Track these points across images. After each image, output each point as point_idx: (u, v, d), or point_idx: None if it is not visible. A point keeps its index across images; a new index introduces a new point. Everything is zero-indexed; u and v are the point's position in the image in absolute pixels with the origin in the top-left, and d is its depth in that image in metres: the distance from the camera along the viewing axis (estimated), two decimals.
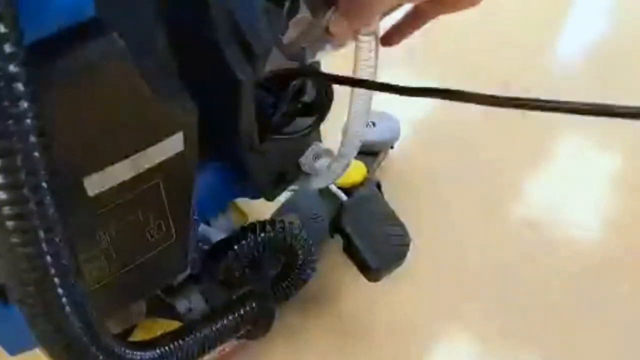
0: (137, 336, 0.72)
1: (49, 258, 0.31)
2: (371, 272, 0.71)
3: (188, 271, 0.70)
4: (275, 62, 0.49)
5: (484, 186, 1.01)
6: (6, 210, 0.29)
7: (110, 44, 0.35)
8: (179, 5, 0.44)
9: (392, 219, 0.73)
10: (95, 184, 0.42)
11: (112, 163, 0.42)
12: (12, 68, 0.27)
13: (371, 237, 0.71)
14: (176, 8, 0.43)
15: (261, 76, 0.49)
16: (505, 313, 0.84)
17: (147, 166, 0.45)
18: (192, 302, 0.70)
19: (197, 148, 0.49)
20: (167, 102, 0.42)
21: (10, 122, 0.28)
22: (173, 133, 0.44)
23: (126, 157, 0.42)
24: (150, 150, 0.44)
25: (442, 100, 0.41)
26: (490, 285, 0.87)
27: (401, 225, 0.73)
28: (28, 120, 0.28)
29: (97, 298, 0.52)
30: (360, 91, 0.54)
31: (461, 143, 1.10)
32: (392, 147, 1.00)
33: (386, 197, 0.81)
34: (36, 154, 0.29)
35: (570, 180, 1.07)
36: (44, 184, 0.30)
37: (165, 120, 0.43)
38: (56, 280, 0.32)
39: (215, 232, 0.75)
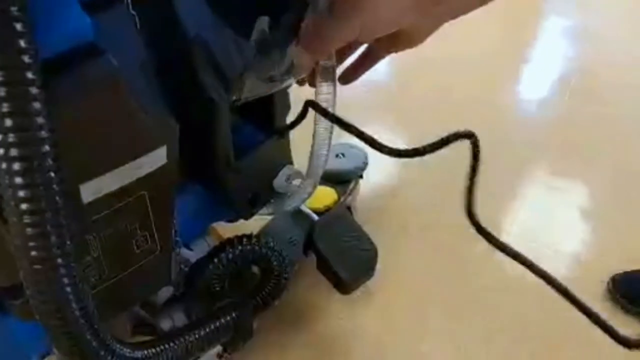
0: None
1: (59, 260, 0.37)
2: (343, 284, 0.76)
3: (171, 291, 0.75)
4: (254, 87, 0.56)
5: (454, 212, 1.07)
6: (23, 206, 0.35)
7: (105, 64, 0.41)
8: (161, 34, 0.51)
9: (360, 234, 0.79)
10: (89, 191, 0.48)
11: (104, 173, 0.48)
12: (33, 90, 0.33)
13: (341, 251, 0.77)
14: (159, 37, 0.50)
15: (236, 98, 0.56)
16: (473, 333, 0.89)
17: (134, 177, 0.51)
18: (175, 320, 0.74)
19: (177, 162, 0.55)
20: (152, 118, 0.48)
21: (30, 133, 0.34)
22: (157, 147, 0.51)
23: (115, 167, 0.48)
24: (137, 162, 0.50)
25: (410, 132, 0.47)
26: (461, 305, 0.92)
27: (368, 239, 0.79)
28: (43, 132, 0.34)
29: None
30: (322, 120, 0.61)
31: (432, 170, 1.16)
32: (361, 177, 1.06)
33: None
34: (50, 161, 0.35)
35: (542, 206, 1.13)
36: (56, 188, 0.36)
37: (150, 135, 0.49)
38: (65, 280, 0.37)
39: (195, 256, 0.79)
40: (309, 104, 0.59)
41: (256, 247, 0.68)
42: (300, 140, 0.73)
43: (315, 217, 0.82)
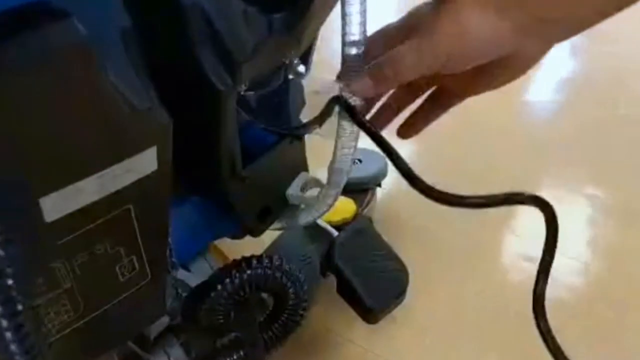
0: None
1: None
2: (369, 313, 0.64)
3: (166, 321, 0.63)
4: (255, 69, 0.45)
5: (475, 222, 0.96)
6: None
7: (69, 30, 0.30)
8: (150, 6, 0.39)
9: (388, 253, 0.67)
10: (54, 206, 0.36)
11: (74, 181, 0.36)
12: None
13: (367, 273, 0.65)
14: (146, 9, 0.39)
15: (242, 86, 0.45)
16: (505, 353, 0.77)
17: (115, 187, 0.39)
18: (171, 356, 0.62)
19: (171, 168, 0.43)
20: (137, 109, 0.37)
21: None
22: (145, 148, 0.39)
23: (91, 174, 0.37)
24: (118, 167, 0.38)
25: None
26: (492, 323, 0.80)
27: (397, 258, 0.68)
28: None
29: (62, 349, 0.45)
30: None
31: (451, 179, 1.07)
32: (379, 186, 0.95)
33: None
34: None
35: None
36: None
37: (135, 132, 0.38)
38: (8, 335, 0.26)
39: (195, 278, 0.68)
40: (336, 100, 0.48)
41: (269, 271, 0.56)
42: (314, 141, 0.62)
43: (335, 232, 0.70)
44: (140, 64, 0.38)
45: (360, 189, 0.85)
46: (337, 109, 0.48)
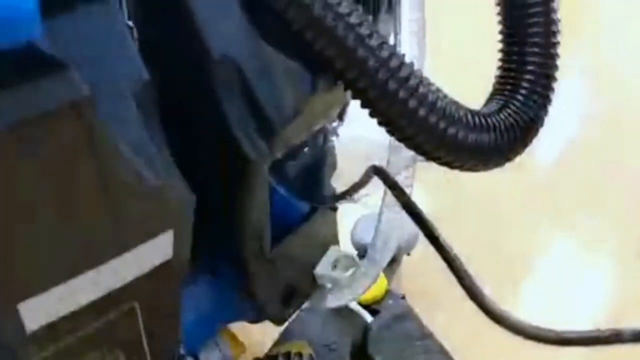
0: None
1: None
2: None
3: None
4: (294, 134, 0.38)
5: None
6: None
7: (68, 86, 0.22)
8: (171, 51, 0.32)
9: (432, 344, 0.58)
10: (37, 312, 0.27)
11: (65, 279, 0.27)
12: None
13: None
14: (170, 61, 0.31)
15: (277, 154, 0.37)
16: None
17: (118, 284, 0.31)
18: None
19: (189, 254, 0.35)
20: (154, 186, 0.29)
21: None
22: (159, 233, 0.31)
23: (87, 269, 0.28)
24: (123, 259, 0.30)
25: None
26: None
27: (442, 348, 0.58)
28: None
29: None
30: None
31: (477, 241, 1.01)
32: (408, 254, 0.86)
33: None
34: None
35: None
36: None
37: (149, 213, 0.30)
38: None
39: None
40: (375, 171, 0.40)
41: None
42: None
43: (368, 316, 0.61)
44: (158, 127, 0.30)
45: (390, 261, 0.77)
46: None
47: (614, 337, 0.27)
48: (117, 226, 0.28)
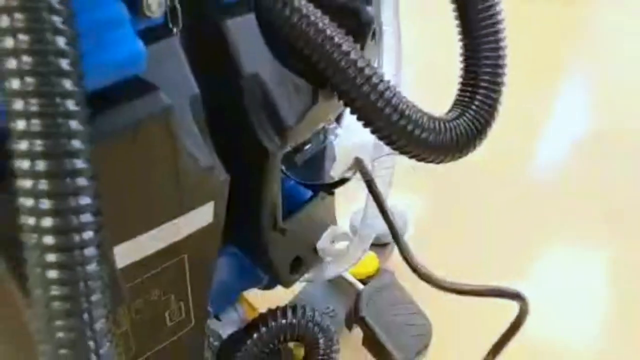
0: None
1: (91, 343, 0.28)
2: None
3: None
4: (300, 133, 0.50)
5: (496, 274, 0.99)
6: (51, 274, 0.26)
7: (157, 102, 0.34)
8: (212, 70, 0.44)
9: (412, 306, 0.70)
10: (124, 255, 0.40)
11: (143, 232, 0.40)
12: (74, 125, 0.26)
13: (393, 327, 0.67)
14: (209, 73, 0.43)
15: (288, 147, 0.49)
16: None
17: (176, 238, 0.43)
18: None
19: (223, 221, 0.47)
20: (202, 168, 0.41)
21: (66, 180, 0.26)
22: (204, 203, 0.43)
23: (157, 226, 0.40)
24: (180, 220, 0.42)
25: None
26: None
27: (421, 312, 0.70)
28: (83, 180, 0.27)
29: None
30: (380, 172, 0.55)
31: (469, 236, 1.11)
32: None
33: None
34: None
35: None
36: (95, 252, 0.28)
37: (199, 189, 0.42)
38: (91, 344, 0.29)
39: (225, 327, 0.70)
40: (357, 162, 0.52)
41: (302, 321, 0.59)
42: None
43: (360, 285, 0.73)
44: (205, 127, 0.42)
45: (382, 243, 0.88)
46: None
47: (496, 292, 0.40)
48: (179, 195, 0.40)
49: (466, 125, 0.48)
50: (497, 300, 0.61)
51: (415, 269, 0.44)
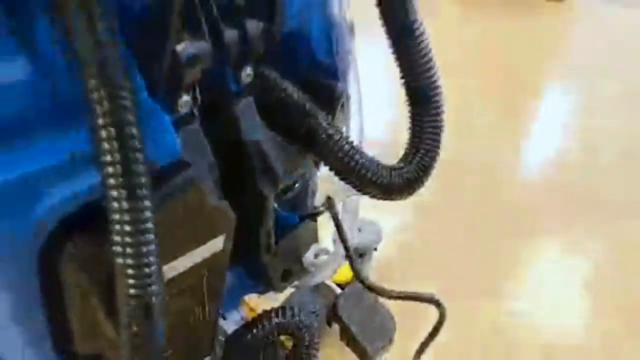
0: None
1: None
2: (366, 354, 0.83)
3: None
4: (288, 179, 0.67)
5: (461, 283, 1.16)
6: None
7: (191, 176, 0.51)
8: (224, 141, 0.61)
9: (380, 307, 0.87)
10: (168, 270, 0.56)
11: (179, 256, 0.56)
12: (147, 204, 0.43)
13: (365, 324, 0.84)
14: (221, 143, 0.60)
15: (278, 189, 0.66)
16: None
17: (197, 261, 0.60)
18: None
19: (230, 248, 0.64)
20: (217, 211, 0.58)
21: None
22: (218, 235, 0.60)
23: (188, 252, 0.57)
24: (201, 247, 0.59)
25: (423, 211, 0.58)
26: None
27: (388, 312, 0.87)
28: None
29: None
30: (348, 207, 0.72)
31: (439, 249, 1.27)
32: (375, 249, 1.15)
33: None
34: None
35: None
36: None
37: (214, 225, 0.59)
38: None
39: (229, 324, 0.87)
40: (327, 199, 0.70)
41: (292, 319, 0.76)
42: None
43: (338, 290, 0.90)
44: (218, 181, 0.59)
45: (360, 254, 1.06)
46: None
47: (415, 296, 0.56)
48: (202, 230, 0.57)
49: (411, 174, 0.66)
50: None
51: (362, 281, 0.61)
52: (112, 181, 0.41)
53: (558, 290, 1.21)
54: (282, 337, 0.82)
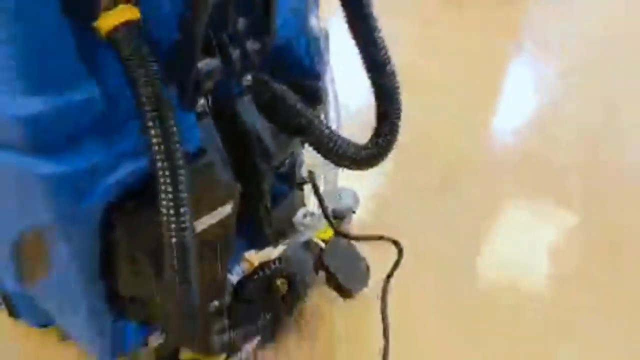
0: None
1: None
2: (347, 293, 1.04)
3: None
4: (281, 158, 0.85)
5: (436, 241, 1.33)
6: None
7: (209, 160, 0.70)
8: (230, 129, 0.79)
9: (357, 256, 1.08)
10: (197, 226, 0.75)
11: (200, 218, 0.75)
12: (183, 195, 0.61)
13: (345, 269, 1.05)
14: (228, 131, 0.79)
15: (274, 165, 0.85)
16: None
17: (212, 221, 0.78)
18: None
19: (236, 214, 0.82)
20: (226, 183, 0.76)
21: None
22: (227, 202, 0.79)
23: (207, 213, 0.76)
24: (216, 211, 0.78)
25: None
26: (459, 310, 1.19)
27: (364, 259, 1.08)
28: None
29: None
30: (329, 178, 0.91)
31: (414, 207, 1.43)
32: (354, 212, 1.35)
33: None
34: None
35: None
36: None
37: (224, 194, 0.77)
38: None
39: (232, 276, 1.07)
40: (310, 173, 0.89)
41: (284, 267, 0.96)
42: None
43: (323, 244, 1.10)
44: (227, 161, 0.78)
45: (340, 217, 1.25)
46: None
47: (378, 237, 0.76)
48: (217, 198, 0.75)
49: (377, 149, 0.84)
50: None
51: (336, 231, 0.80)
52: (159, 164, 0.59)
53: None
54: (278, 281, 1.02)
